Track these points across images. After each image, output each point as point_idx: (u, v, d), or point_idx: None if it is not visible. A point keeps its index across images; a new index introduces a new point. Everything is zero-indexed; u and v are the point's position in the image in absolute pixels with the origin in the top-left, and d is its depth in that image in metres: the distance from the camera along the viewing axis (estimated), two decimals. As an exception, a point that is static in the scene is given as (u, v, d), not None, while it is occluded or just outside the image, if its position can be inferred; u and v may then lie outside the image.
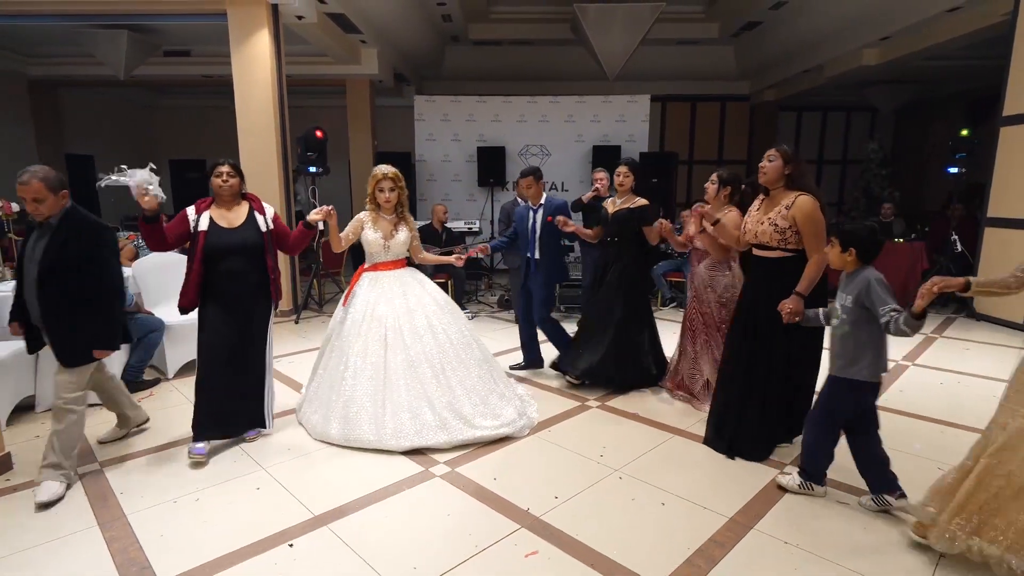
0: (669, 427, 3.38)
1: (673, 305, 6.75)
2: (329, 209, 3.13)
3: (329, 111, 10.72)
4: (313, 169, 6.30)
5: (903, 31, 7.40)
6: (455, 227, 7.30)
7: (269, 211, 3.12)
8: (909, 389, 4.06)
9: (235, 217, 3.00)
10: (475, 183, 9.08)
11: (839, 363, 2.41)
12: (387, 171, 3.31)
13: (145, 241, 2.85)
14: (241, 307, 2.98)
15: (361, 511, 2.48)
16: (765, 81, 10.93)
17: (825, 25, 8.25)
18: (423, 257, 3.63)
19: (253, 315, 3.03)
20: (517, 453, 3.07)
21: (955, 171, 7.02)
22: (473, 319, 6.34)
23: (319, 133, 6.31)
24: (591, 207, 4.73)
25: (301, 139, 6.27)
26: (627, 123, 9.10)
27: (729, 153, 12.11)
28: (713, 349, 3.57)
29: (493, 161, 8.69)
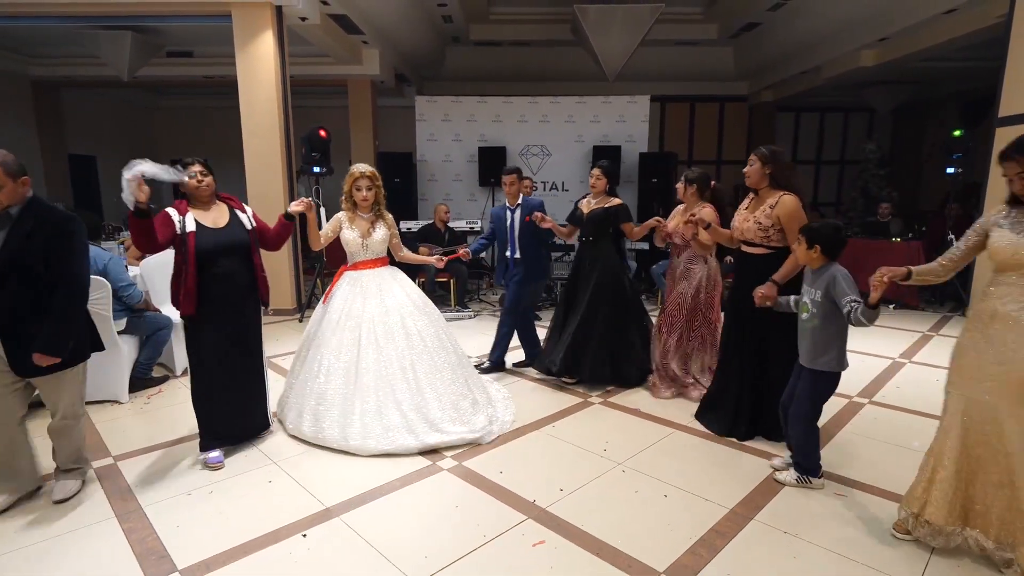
0: (670, 422, 3.45)
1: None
2: (309, 201, 3.12)
3: (331, 111, 10.75)
4: (317, 169, 6.29)
5: (900, 33, 7.47)
6: (456, 227, 7.37)
7: (248, 209, 3.06)
8: (906, 386, 4.12)
9: (218, 217, 2.90)
10: (476, 183, 9.13)
11: (810, 355, 2.54)
12: (364, 170, 3.28)
13: (135, 240, 2.64)
14: (234, 311, 2.91)
15: (371, 503, 2.54)
16: (763, 82, 10.99)
17: (823, 26, 8.32)
18: (404, 255, 3.64)
19: (247, 318, 2.99)
20: (522, 447, 3.14)
21: (952, 171, 7.10)
22: (475, 318, 6.40)
23: (323, 133, 6.30)
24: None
25: (305, 139, 6.25)
26: (627, 123, 9.15)
27: (728, 153, 12.18)
28: (691, 339, 3.80)
29: (494, 161, 8.74)
